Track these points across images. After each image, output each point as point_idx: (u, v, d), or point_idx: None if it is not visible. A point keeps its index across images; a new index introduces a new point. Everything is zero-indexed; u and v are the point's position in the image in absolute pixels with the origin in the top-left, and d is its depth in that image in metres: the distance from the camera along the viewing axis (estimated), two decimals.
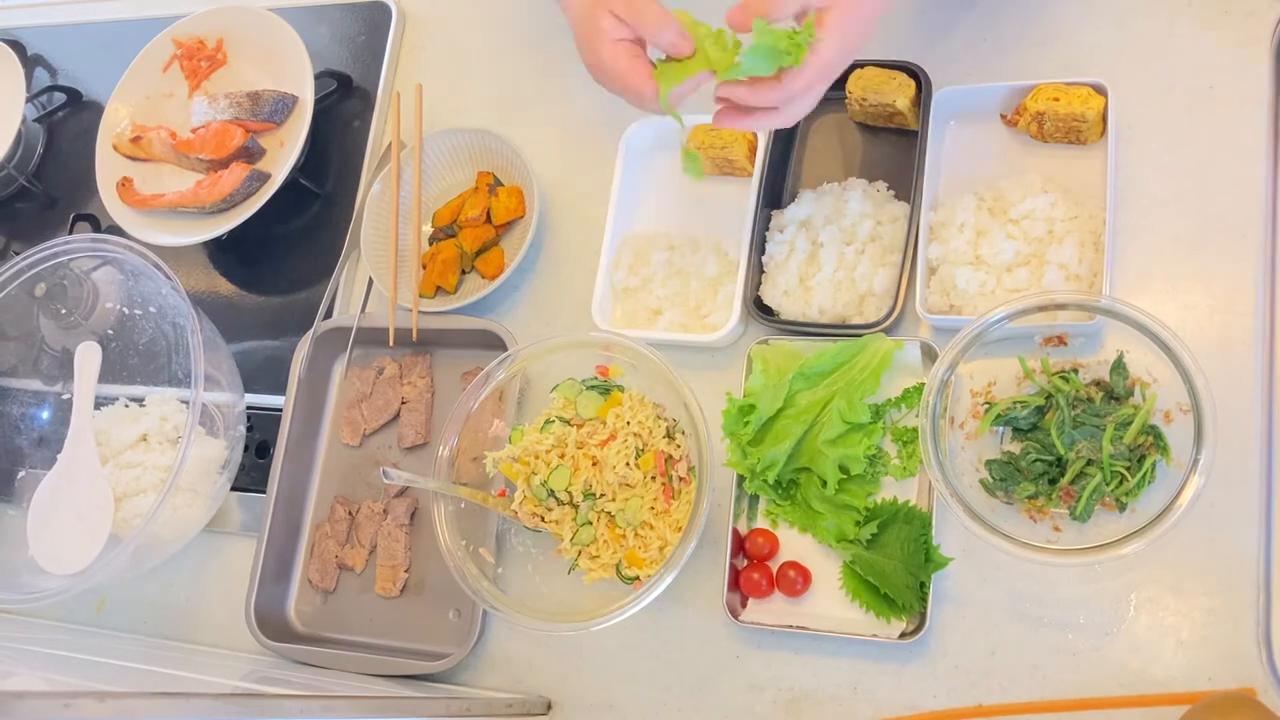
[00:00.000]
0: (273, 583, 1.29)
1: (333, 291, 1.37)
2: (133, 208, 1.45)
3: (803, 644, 1.10)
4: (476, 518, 1.19)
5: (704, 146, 1.24)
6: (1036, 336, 1.08)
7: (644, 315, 1.25)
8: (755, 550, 1.13)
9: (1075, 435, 1.02)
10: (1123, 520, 1.02)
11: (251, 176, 1.39)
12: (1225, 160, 1.11)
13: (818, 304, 1.17)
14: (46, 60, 1.71)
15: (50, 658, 1.18)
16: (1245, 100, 1.12)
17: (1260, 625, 0.99)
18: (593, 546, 1.15)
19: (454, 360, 1.33)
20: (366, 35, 1.52)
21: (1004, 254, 1.11)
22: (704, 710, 1.12)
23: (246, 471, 1.35)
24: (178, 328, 1.38)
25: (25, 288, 1.36)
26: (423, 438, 1.31)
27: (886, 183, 1.21)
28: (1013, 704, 1.03)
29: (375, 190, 1.37)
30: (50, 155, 1.64)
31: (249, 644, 1.27)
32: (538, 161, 1.31)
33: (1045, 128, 1.14)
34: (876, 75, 1.18)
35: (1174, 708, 0.97)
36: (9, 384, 1.42)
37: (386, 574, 1.26)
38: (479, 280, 1.33)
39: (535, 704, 1.15)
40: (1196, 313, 1.08)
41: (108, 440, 1.33)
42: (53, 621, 1.37)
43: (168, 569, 1.35)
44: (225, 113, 1.44)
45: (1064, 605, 1.04)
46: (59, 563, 1.26)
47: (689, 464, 1.15)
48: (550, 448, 1.16)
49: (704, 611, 1.14)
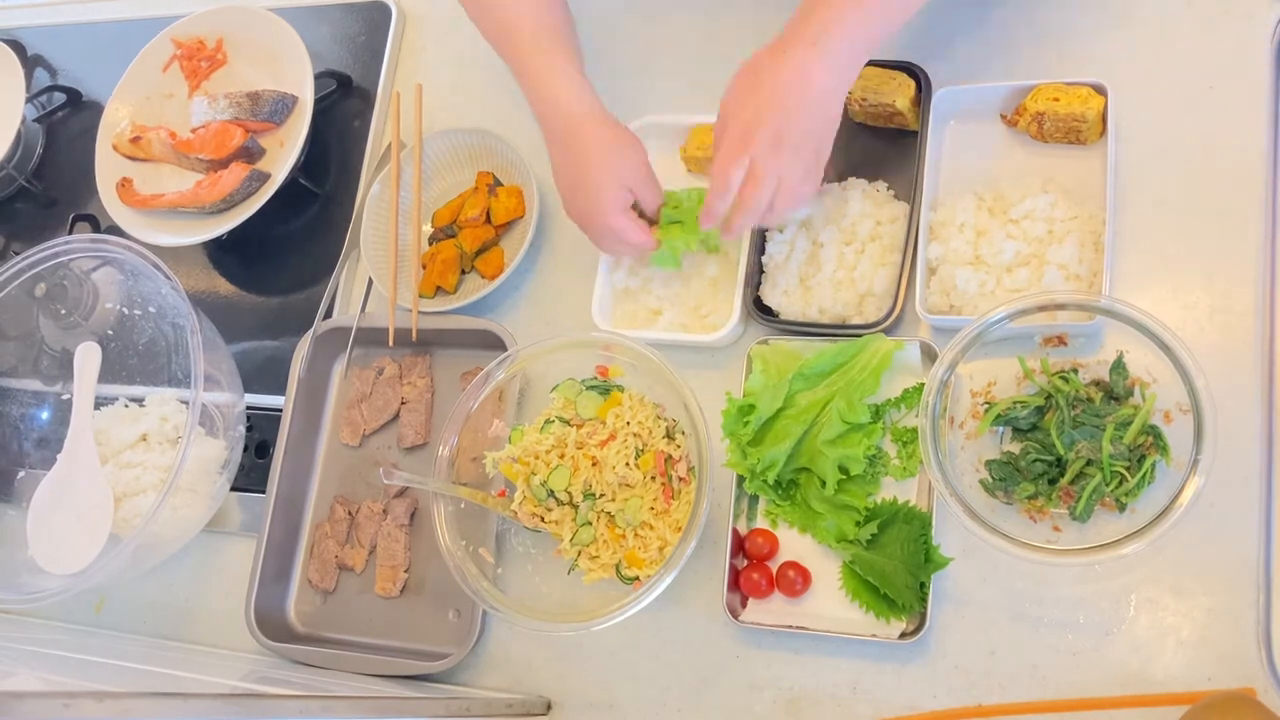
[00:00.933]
0: (273, 583, 1.29)
1: (333, 291, 1.37)
2: (132, 208, 1.45)
3: (802, 644, 1.10)
4: (476, 518, 1.19)
5: (704, 146, 1.24)
6: (1036, 336, 1.08)
7: (644, 315, 1.25)
8: (755, 550, 1.12)
9: (1075, 435, 1.02)
10: (1123, 520, 1.02)
11: (251, 176, 1.39)
12: (1225, 160, 1.11)
13: (818, 304, 1.17)
14: (46, 60, 1.71)
15: (50, 658, 1.18)
16: (1245, 100, 1.12)
17: (1260, 625, 0.99)
18: (592, 547, 1.15)
19: (454, 360, 1.33)
20: (366, 35, 1.52)
21: (1004, 254, 1.11)
22: (704, 710, 1.12)
23: (246, 471, 1.35)
24: (177, 328, 1.38)
25: (25, 288, 1.36)
26: (423, 438, 1.31)
27: (886, 183, 1.21)
28: (1012, 704, 1.03)
29: (375, 190, 1.37)
30: (50, 155, 1.64)
31: (249, 644, 1.27)
32: (538, 161, 1.31)
33: (1045, 128, 1.14)
34: (876, 75, 1.18)
35: (1174, 708, 0.97)
36: (9, 384, 1.42)
37: (386, 574, 1.26)
38: (479, 280, 1.33)
39: (535, 704, 1.15)
40: (1196, 313, 1.08)
41: (108, 440, 1.33)
42: (52, 621, 1.37)
43: (168, 569, 1.35)
44: (225, 113, 1.44)
45: (1064, 605, 1.04)
46: (59, 563, 1.26)
47: (689, 464, 1.15)
48: (550, 448, 1.16)
49: (704, 611, 1.14)
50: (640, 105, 1.29)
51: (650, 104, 1.30)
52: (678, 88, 1.33)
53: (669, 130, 1.27)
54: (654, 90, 1.33)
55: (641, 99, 1.31)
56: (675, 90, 1.33)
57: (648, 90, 1.34)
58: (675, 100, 1.31)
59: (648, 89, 1.34)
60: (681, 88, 1.33)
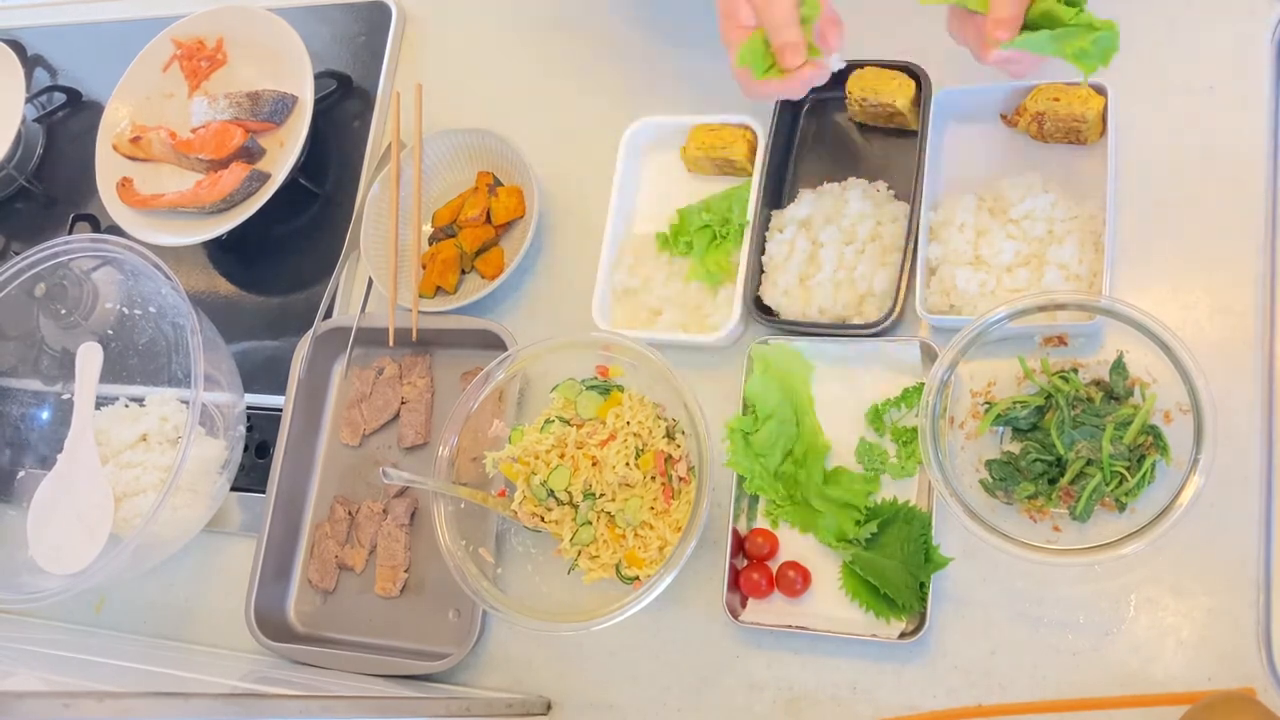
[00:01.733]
0: (272, 583, 1.29)
1: (333, 291, 1.37)
2: (132, 208, 1.45)
3: (802, 644, 1.10)
4: (476, 518, 1.19)
5: (704, 146, 1.24)
6: (1036, 336, 1.08)
7: (644, 315, 1.25)
8: (755, 550, 1.12)
9: (1075, 435, 1.02)
10: (1123, 520, 1.02)
11: (251, 176, 1.39)
12: (1225, 160, 1.11)
13: (818, 304, 1.17)
14: (46, 60, 1.71)
15: (50, 658, 1.18)
16: (1245, 100, 1.12)
17: (1260, 625, 0.99)
18: (592, 546, 1.15)
19: (454, 360, 1.33)
20: (366, 35, 1.51)
21: (1004, 254, 1.11)
22: (704, 710, 1.12)
23: (246, 471, 1.35)
24: (177, 328, 1.38)
25: (25, 288, 1.36)
26: (423, 438, 1.31)
27: (886, 183, 1.21)
28: (1012, 704, 1.03)
29: (375, 190, 1.37)
30: (50, 155, 1.64)
31: (249, 644, 1.27)
32: (538, 161, 1.31)
33: (1045, 128, 1.14)
34: (876, 75, 1.18)
35: (1174, 708, 0.97)
36: (9, 384, 1.42)
37: (386, 574, 1.26)
38: (479, 280, 1.33)
39: (535, 704, 1.15)
40: (1196, 313, 1.08)
41: (108, 440, 1.33)
42: (52, 621, 1.37)
43: (168, 569, 1.35)
44: (225, 113, 1.44)
45: (1064, 605, 1.04)
46: (59, 563, 1.26)
47: (689, 464, 1.15)
48: (550, 448, 1.16)
49: (704, 611, 1.14)
50: (640, 105, 1.30)
51: (650, 104, 1.30)
52: (678, 88, 1.33)
53: (669, 130, 1.27)
54: (654, 90, 1.33)
55: (641, 99, 1.31)
56: (675, 90, 1.33)
57: (648, 90, 1.34)
58: (675, 100, 1.31)
59: (648, 89, 1.34)
60: (681, 88, 1.33)
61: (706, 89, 1.32)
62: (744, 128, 1.24)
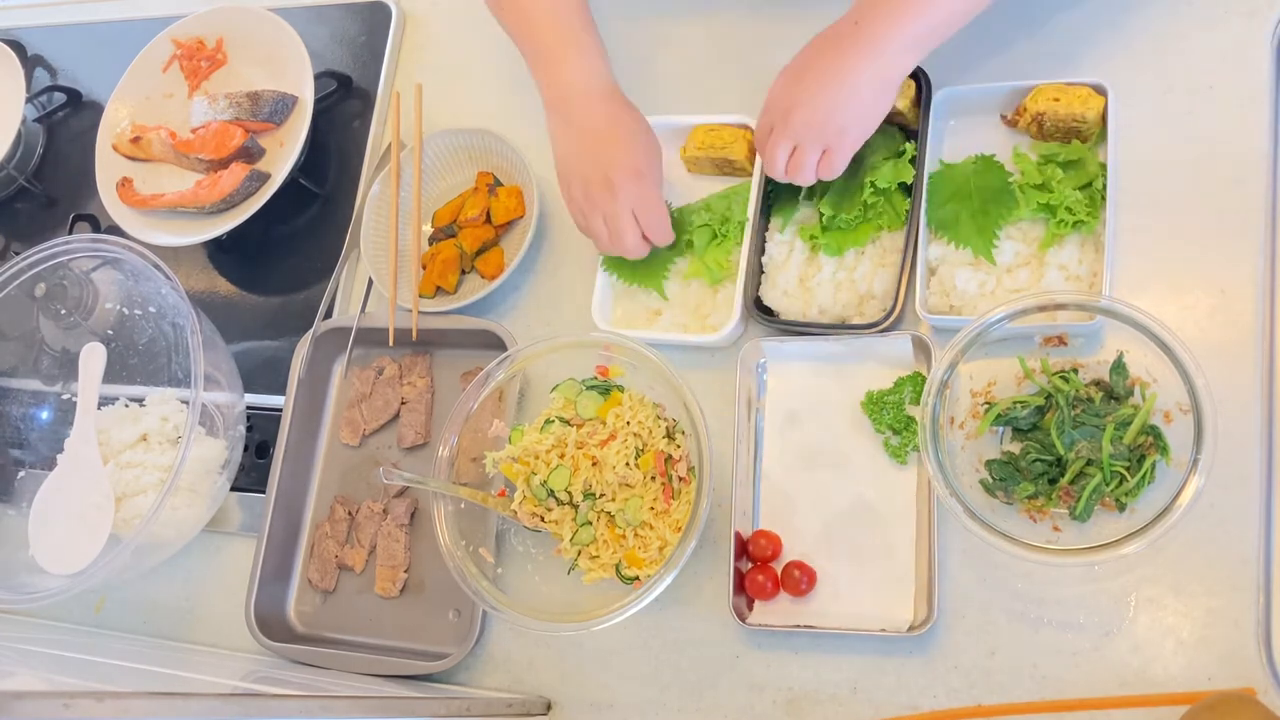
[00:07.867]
0: (272, 583, 1.29)
1: (333, 291, 1.37)
2: (132, 208, 1.45)
3: (803, 644, 1.10)
4: (476, 518, 1.19)
5: (704, 146, 1.24)
6: (1036, 336, 1.08)
7: (644, 315, 1.25)
8: (758, 552, 1.12)
9: (1075, 435, 1.02)
10: (1123, 520, 1.02)
11: (251, 176, 1.39)
12: (1225, 160, 1.11)
13: (818, 304, 1.17)
14: (46, 60, 1.71)
15: (50, 658, 1.18)
16: (1245, 100, 1.12)
17: (1260, 625, 0.99)
18: (592, 546, 1.15)
19: (454, 360, 1.33)
20: (366, 35, 1.52)
21: (1004, 254, 1.11)
22: (704, 710, 1.12)
23: (246, 471, 1.35)
24: (177, 328, 1.38)
25: (25, 288, 1.36)
26: (423, 438, 1.31)
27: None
28: (1013, 704, 1.03)
29: (375, 190, 1.37)
30: (50, 155, 1.64)
31: (249, 644, 1.27)
32: (538, 161, 1.31)
33: (1045, 128, 1.14)
34: None
35: (1174, 708, 0.97)
36: (9, 384, 1.42)
37: (386, 574, 1.26)
38: (479, 280, 1.33)
39: (535, 704, 1.15)
40: (1196, 313, 1.08)
41: (108, 440, 1.33)
42: (52, 621, 1.37)
43: (168, 569, 1.35)
44: (225, 113, 1.44)
45: (1064, 605, 1.04)
46: (59, 563, 1.26)
47: (689, 464, 1.15)
48: (550, 448, 1.16)
49: (704, 611, 1.14)
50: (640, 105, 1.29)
51: (650, 104, 1.30)
52: (678, 88, 1.33)
53: (669, 130, 1.27)
54: (654, 90, 1.33)
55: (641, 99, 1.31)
56: (675, 91, 1.33)
57: (648, 90, 1.33)
58: (675, 101, 1.31)
59: (648, 89, 1.33)
60: (681, 88, 1.33)
61: (706, 89, 1.32)
62: (744, 128, 1.24)
